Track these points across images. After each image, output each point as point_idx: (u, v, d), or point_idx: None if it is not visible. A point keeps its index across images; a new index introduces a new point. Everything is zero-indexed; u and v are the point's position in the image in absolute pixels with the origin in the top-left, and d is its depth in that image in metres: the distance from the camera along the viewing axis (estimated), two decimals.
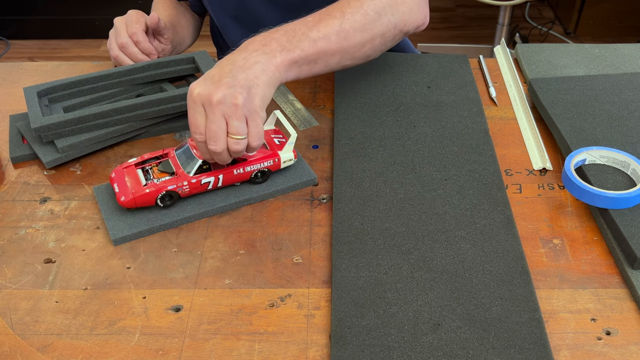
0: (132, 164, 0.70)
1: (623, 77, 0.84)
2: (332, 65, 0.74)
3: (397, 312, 0.56)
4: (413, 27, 0.81)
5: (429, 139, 0.76)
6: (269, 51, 0.67)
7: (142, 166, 0.70)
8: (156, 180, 0.68)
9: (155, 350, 0.55)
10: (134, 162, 0.70)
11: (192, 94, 0.63)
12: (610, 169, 0.69)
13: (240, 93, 0.62)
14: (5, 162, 0.77)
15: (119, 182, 0.68)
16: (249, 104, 0.63)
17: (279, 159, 0.71)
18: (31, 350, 0.55)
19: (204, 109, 0.63)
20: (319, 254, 0.63)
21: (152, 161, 0.70)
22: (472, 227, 0.64)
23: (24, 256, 0.64)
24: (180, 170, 0.68)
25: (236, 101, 0.62)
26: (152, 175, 0.68)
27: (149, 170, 0.69)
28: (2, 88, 0.92)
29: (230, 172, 0.69)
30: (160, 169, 0.69)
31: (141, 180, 0.68)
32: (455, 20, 2.84)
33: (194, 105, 0.63)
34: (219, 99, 0.62)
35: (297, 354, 0.54)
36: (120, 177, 0.68)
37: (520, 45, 0.94)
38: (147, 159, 0.70)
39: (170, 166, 0.69)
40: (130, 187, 0.67)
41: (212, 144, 0.63)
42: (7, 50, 2.68)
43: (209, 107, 0.62)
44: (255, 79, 0.64)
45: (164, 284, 0.61)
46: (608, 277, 0.60)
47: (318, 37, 0.70)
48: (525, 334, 0.54)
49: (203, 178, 0.68)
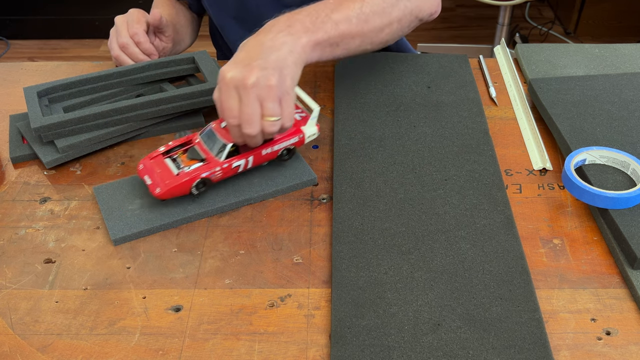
0: (159, 153, 0.69)
1: (623, 77, 0.84)
2: (352, 49, 0.75)
3: (397, 312, 0.56)
4: (427, 14, 0.83)
5: (429, 139, 0.76)
6: (294, 32, 0.67)
7: (169, 155, 0.69)
8: (187, 168, 0.67)
9: (155, 350, 0.55)
10: (160, 152, 0.69)
11: (225, 78, 0.63)
12: (610, 169, 0.69)
13: (273, 74, 0.63)
14: (5, 162, 0.77)
15: (150, 174, 0.67)
16: (282, 85, 0.63)
17: (303, 135, 0.71)
18: (31, 350, 0.55)
19: (237, 92, 0.63)
20: (319, 254, 0.63)
21: (177, 149, 0.69)
22: (472, 227, 0.64)
23: (24, 256, 0.64)
24: (209, 155, 0.67)
25: (270, 83, 0.62)
26: (181, 164, 0.68)
27: (176, 158, 0.68)
28: (2, 88, 0.92)
29: (259, 153, 0.69)
30: (189, 157, 0.68)
31: (172, 169, 0.67)
32: (455, 20, 2.84)
33: (227, 90, 0.63)
34: (253, 81, 0.62)
35: (297, 354, 0.54)
36: (150, 168, 0.67)
37: (520, 45, 0.94)
38: (173, 147, 0.69)
39: (198, 153, 0.68)
40: (163, 177, 0.66)
41: (247, 127, 0.63)
42: (7, 50, 2.68)
43: (244, 90, 0.62)
44: (284, 60, 0.65)
45: (164, 284, 0.61)
46: (608, 277, 0.60)
47: (340, 19, 0.71)
48: (525, 334, 0.54)
49: (234, 162, 0.68)
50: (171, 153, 0.69)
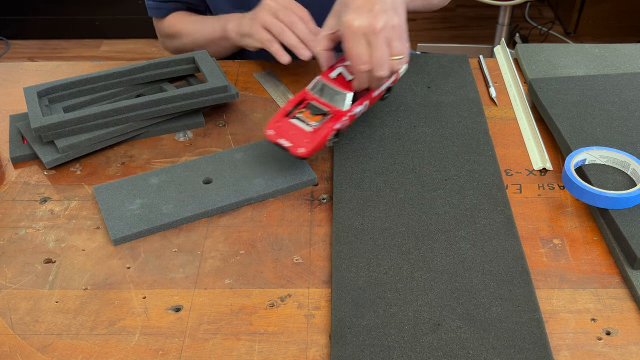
0: (282, 116, 0.70)
1: (623, 77, 0.84)
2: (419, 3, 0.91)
3: (397, 312, 0.56)
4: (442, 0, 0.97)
5: (429, 139, 0.76)
6: None
7: (291, 115, 0.70)
8: (315, 123, 0.69)
9: (155, 350, 0.55)
10: (283, 114, 0.70)
11: (352, 26, 0.66)
12: (610, 169, 0.69)
13: (394, 15, 0.67)
14: (5, 162, 0.77)
15: (286, 136, 0.68)
16: (402, 24, 0.68)
17: (398, 72, 0.74)
18: (31, 350, 0.55)
19: (365, 39, 0.66)
20: (319, 254, 0.63)
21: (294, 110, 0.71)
22: (472, 227, 0.64)
23: (24, 256, 0.64)
24: (332, 107, 0.70)
25: (394, 23, 0.67)
26: (307, 120, 0.69)
27: (300, 117, 0.70)
28: (2, 88, 0.92)
29: (370, 96, 0.72)
30: (313, 113, 0.69)
31: (304, 128, 0.68)
32: (455, 20, 2.84)
33: (356, 38, 0.66)
34: (381, 25, 0.65)
35: (297, 354, 0.54)
36: (283, 131, 0.69)
37: (520, 45, 0.94)
38: (290, 109, 0.71)
39: (319, 107, 0.70)
40: (301, 137, 0.67)
41: (379, 70, 0.67)
42: (7, 50, 2.68)
43: (373, 35, 0.65)
44: (396, 0, 0.69)
45: (164, 284, 0.61)
46: (608, 277, 0.60)
47: None
48: (525, 334, 0.54)
49: (355, 108, 0.70)
50: (292, 113, 0.71)
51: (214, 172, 0.72)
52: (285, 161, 0.73)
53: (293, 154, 0.67)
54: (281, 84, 0.89)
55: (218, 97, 0.80)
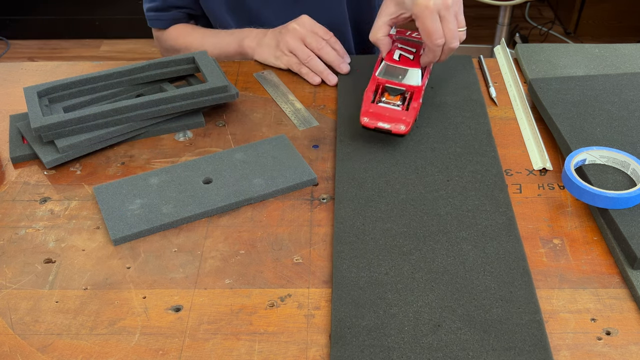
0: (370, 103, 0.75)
1: (623, 77, 0.84)
2: None
3: (397, 313, 0.56)
4: None
5: (431, 139, 0.76)
6: None
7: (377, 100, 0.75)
8: (400, 102, 0.75)
9: (155, 350, 0.54)
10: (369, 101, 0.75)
11: (429, 6, 0.70)
12: (610, 169, 0.69)
13: None
14: (5, 162, 0.77)
15: (383, 118, 0.73)
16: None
17: None
18: (31, 350, 0.55)
19: (438, 15, 0.71)
20: (319, 254, 0.63)
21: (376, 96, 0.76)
22: (473, 229, 0.64)
23: (24, 256, 0.64)
24: (407, 85, 0.76)
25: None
26: (393, 100, 0.75)
27: (384, 100, 0.76)
28: (2, 88, 0.92)
29: (429, 69, 0.80)
30: (393, 94, 0.76)
31: (395, 108, 0.74)
32: None
33: (432, 15, 0.71)
34: (452, 1, 0.71)
35: (297, 354, 0.54)
36: (378, 115, 0.73)
37: (520, 45, 0.94)
38: (372, 96, 0.76)
39: (396, 88, 0.76)
40: (397, 117, 0.73)
41: (452, 42, 0.73)
42: (7, 50, 2.68)
43: (446, 10, 0.71)
44: None
45: (164, 284, 0.61)
46: (608, 277, 0.60)
47: None
48: (525, 335, 0.54)
49: (425, 82, 0.78)
50: (376, 98, 0.76)
51: (214, 172, 0.72)
52: (285, 161, 0.73)
53: (395, 133, 0.73)
54: (281, 84, 0.89)
55: (218, 97, 0.80)
